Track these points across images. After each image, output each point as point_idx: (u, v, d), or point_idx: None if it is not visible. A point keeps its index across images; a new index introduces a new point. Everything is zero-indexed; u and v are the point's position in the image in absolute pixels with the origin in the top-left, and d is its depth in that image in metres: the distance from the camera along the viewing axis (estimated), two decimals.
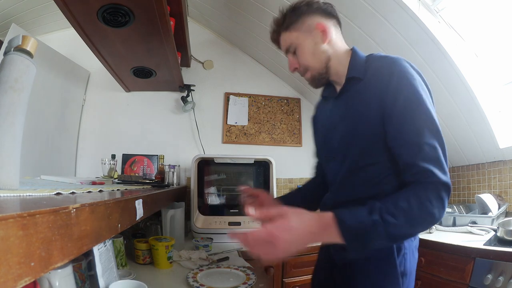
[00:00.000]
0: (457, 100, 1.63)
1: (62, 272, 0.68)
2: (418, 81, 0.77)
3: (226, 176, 1.88)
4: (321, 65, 0.89)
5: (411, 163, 0.69)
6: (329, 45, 0.89)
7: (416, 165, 0.68)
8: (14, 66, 0.51)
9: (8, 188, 0.48)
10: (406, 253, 0.83)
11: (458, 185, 1.98)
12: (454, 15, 1.49)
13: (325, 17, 0.91)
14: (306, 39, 0.89)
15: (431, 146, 0.70)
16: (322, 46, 0.88)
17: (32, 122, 1.65)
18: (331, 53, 0.89)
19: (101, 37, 1.41)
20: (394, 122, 0.73)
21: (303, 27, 0.89)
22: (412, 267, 0.85)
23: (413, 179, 0.69)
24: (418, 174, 0.68)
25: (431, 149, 0.70)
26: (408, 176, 0.70)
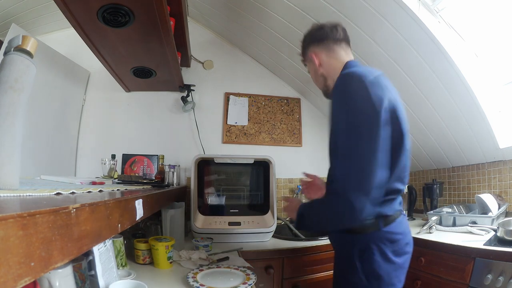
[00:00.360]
0: (457, 100, 1.63)
1: (62, 272, 0.68)
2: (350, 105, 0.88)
3: (226, 176, 1.88)
4: (321, 85, 1.12)
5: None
6: (323, 67, 1.08)
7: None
8: (14, 66, 0.51)
9: (8, 188, 0.48)
10: (374, 253, 0.91)
11: (458, 185, 1.98)
12: (454, 15, 1.49)
13: (318, 44, 1.10)
14: (310, 67, 1.14)
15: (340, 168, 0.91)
16: (318, 71, 1.10)
17: (32, 122, 1.65)
18: (326, 74, 1.09)
19: (101, 37, 1.41)
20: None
21: (307, 58, 1.14)
22: (384, 270, 0.90)
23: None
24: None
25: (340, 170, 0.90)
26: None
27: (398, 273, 0.94)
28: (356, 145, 0.83)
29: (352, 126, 0.85)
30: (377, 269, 0.91)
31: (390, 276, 0.92)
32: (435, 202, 1.95)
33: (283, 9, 1.77)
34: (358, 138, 0.84)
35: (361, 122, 0.84)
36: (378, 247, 0.92)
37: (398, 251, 0.94)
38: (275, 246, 1.60)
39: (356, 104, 0.85)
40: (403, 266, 0.96)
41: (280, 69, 2.38)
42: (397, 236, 0.94)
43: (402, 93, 1.82)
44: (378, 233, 0.92)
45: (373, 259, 0.91)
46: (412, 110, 1.88)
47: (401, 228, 0.96)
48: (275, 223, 1.73)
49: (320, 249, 1.65)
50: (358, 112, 0.84)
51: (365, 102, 0.84)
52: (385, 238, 0.92)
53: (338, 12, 1.58)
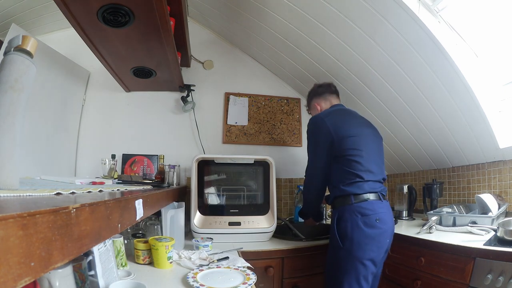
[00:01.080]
0: (457, 100, 1.63)
1: (62, 272, 0.68)
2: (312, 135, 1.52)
3: (226, 176, 1.88)
4: None
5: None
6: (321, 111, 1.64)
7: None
8: (14, 66, 0.51)
9: (8, 188, 0.48)
10: (346, 221, 1.30)
11: (458, 185, 1.98)
12: (454, 15, 1.49)
13: (318, 97, 1.69)
14: (314, 111, 1.70)
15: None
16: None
17: (32, 122, 1.65)
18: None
19: (101, 37, 1.41)
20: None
21: (311, 106, 1.73)
22: (354, 234, 1.27)
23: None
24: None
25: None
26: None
27: (368, 241, 1.27)
28: (309, 154, 1.53)
29: (309, 145, 1.54)
30: (348, 232, 1.29)
31: (360, 241, 1.26)
32: (435, 202, 1.95)
33: (283, 9, 1.77)
34: (310, 152, 1.53)
35: (311, 146, 1.52)
36: (350, 216, 1.30)
37: (368, 223, 1.28)
38: (275, 246, 1.61)
39: (310, 137, 1.53)
40: (376, 238, 1.28)
41: (280, 69, 2.38)
42: (367, 211, 1.30)
43: (402, 93, 1.83)
44: (350, 207, 1.32)
45: (345, 225, 1.30)
46: (412, 110, 1.88)
47: (372, 207, 1.31)
48: (275, 223, 1.73)
49: (320, 249, 1.66)
50: (310, 141, 1.53)
51: (313, 136, 1.50)
52: (356, 211, 1.30)
53: (338, 12, 1.58)
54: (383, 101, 1.98)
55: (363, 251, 1.26)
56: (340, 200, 1.36)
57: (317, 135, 1.45)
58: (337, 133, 1.40)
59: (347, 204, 1.33)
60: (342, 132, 1.41)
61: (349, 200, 1.33)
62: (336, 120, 1.46)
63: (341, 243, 1.29)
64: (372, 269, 1.29)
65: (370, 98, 2.03)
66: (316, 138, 1.45)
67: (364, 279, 1.28)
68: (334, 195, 1.40)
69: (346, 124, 1.45)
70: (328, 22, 1.69)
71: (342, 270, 1.29)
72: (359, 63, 1.82)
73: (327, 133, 1.41)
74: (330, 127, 1.41)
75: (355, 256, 1.26)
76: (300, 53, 2.05)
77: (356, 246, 1.26)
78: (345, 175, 1.36)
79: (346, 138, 1.39)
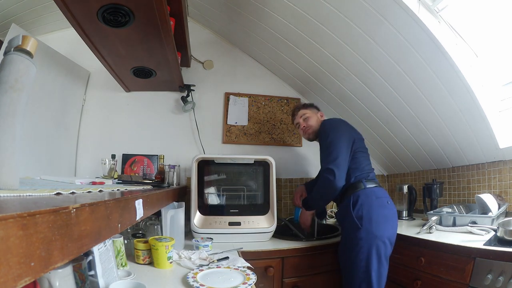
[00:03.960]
0: (457, 100, 1.63)
1: (62, 272, 0.68)
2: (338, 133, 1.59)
3: (226, 176, 1.88)
4: (316, 128, 1.75)
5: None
6: (319, 122, 1.77)
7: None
8: (14, 66, 0.51)
9: (8, 188, 0.48)
10: (362, 203, 1.44)
11: (458, 185, 1.98)
12: (454, 15, 1.49)
13: (318, 109, 1.87)
14: (314, 115, 1.81)
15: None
16: (319, 121, 1.78)
17: (32, 122, 1.65)
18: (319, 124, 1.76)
19: (101, 37, 1.41)
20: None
21: (314, 110, 1.84)
22: (375, 215, 1.40)
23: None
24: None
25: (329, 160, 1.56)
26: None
27: (384, 220, 1.41)
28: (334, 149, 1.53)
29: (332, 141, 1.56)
30: (365, 213, 1.41)
31: (378, 220, 1.39)
32: (435, 202, 1.95)
33: (283, 9, 1.77)
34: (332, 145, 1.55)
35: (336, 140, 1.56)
36: (366, 199, 1.45)
37: (382, 204, 1.45)
38: (275, 246, 1.61)
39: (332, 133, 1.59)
40: (390, 219, 1.43)
41: (280, 69, 2.38)
42: (379, 194, 1.49)
43: (402, 93, 1.83)
44: (364, 191, 1.48)
45: (362, 207, 1.43)
46: (412, 110, 1.88)
47: (380, 192, 1.52)
48: (275, 223, 1.73)
49: (320, 249, 1.66)
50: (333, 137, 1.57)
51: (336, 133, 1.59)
52: (370, 194, 1.47)
53: (338, 12, 1.58)
54: (383, 101, 1.98)
55: (382, 230, 1.37)
56: (353, 186, 1.51)
57: (341, 133, 1.57)
58: (351, 133, 1.62)
59: (361, 188, 1.48)
60: (354, 134, 1.63)
61: (362, 185, 1.49)
62: (347, 124, 1.72)
63: (359, 224, 1.39)
64: (389, 249, 1.40)
65: (370, 98, 2.03)
66: (340, 136, 1.56)
67: (385, 258, 1.37)
68: (346, 185, 1.51)
69: (352, 128, 1.71)
70: (328, 22, 1.69)
71: (363, 249, 1.36)
72: (359, 63, 1.82)
73: (348, 133, 1.60)
74: (349, 128, 1.66)
75: (375, 234, 1.36)
76: (300, 53, 2.05)
77: (375, 225, 1.37)
78: (357, 166, 1.54)
79: (359, 140, 1.63)
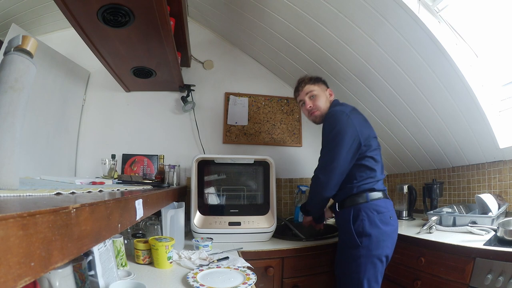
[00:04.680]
0: (457, 100, 1.63)
1: (62, 272, 0.68)
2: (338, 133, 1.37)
3: (226, 176, 1.88)
4: (326, 109, 1.52)
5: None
6: (330, 100, 1.57)
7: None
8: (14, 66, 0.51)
9: (8, 188, 0.48)
10: (364, 219, 1.31)
11: (458, 185, 1.98)
12: (454, 15, 1.49)
13: (326, 86, 1.61)
14: (323, 93, 1.56)
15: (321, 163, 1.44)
16: (328, 100, 1.56)
17: (32, 122, 1.65)
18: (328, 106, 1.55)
19: (101, 37, 1.41)
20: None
21: (322, 87, 1.58)
22: (373, 231, 1.29)
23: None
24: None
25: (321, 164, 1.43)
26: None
27: (385, 237, 1.30)
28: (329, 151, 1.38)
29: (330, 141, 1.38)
30: (366, 230, 1.29)
31: (378, 238, 1.28)
32: (435, 202, 1.95)
33: (283, 9, 1.77)
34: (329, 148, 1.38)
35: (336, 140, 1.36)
36: (366, 214, 1.31)
37: (384, 220, 1.31)
38: (275, 246, 1.61)
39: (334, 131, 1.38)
40: (390, 235, 1.33)
41: (280, 69, 2.38)
42: (382, 209, 1.33)
43: (402, 93, 1.83)
44: (366, 204, 1.33)
45: (363, 223, 1.30)
46: (412, 110, 1.88)
47: (385, 205, 1.36)
48: (275, 223, 1.73)
49: (320, 249, 1.66)
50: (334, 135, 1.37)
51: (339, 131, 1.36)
52: (372, 208, 1.32)
53: (338, 12, 1.58)
54: (383, 101, 1.98)
55: (381, 248, 1.28)
56: (354, 198, 1.35)
57: (343, 135, 1.35)
58: (362, 133, 1.37)
59: (363, 202, 1.33)
60: (366, 132, 1.39)
61: (364, 198, 1.34)
62: (359, 118, 1.42)
63: (359, 242, 1.29)
64: (385, 265, 1.33)
65: (370, 98, 2.03)
66: (342, 138, 1.35)
67: (380, 276, 1.32)
68: (347, 194, 1.38)
69: (367, 123, 1.45)
70: (328, 22, 1.69)
71: (361, 268, 1.28)
72: (359, 63, 1.82)
73: (355, 134, 1.35)
74: (357, 127, 1.36)
75: (374, 253, 1.27)
76: (300, 53, 2.05)
77: (375, 244, 1.28)
78: (362, 174, 1.37)
79: (371, 139, 1.40)
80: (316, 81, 1.57)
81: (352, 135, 1.34)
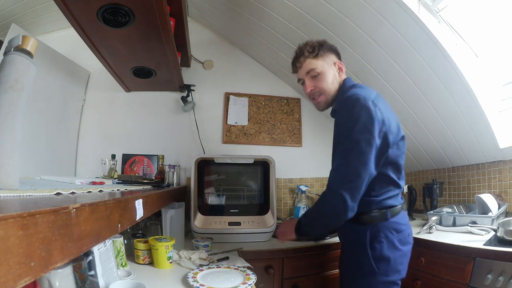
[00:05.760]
0: (457, 100, 1.63)
1: (62, 272, 0.68)
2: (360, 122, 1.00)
3: (226, 176, 1.88)
4: (334, 92, 1.18)
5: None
6: (341, 79, 1.19)
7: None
8: (14, 66, 0.51)
9: (8, 188, 0.48)
10: (382, 241, 1.05)
11: (458, 185, 1.98)
12: (454, 15, 1.49)
13: (339, 58, 1.23)
14: (329, 69, 1.17)
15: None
16: (338, 79, 1.19)
17: (32, 122, 1.65)
18: (340, 85, 1.18)
19: (101, 37, 1.41)
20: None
21: (328, 60, 1.18)
22: (392, 255, 1.05)
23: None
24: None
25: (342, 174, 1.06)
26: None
27: (402, 260, 1.08)
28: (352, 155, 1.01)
29: (355, 140, 1.00)
30: (385, 254, 1.05)
31: (396, 261, 1.06)
32: (435, 202, 1.95)
33: (283, 9, 1.77)
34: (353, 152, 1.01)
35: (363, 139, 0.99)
36: (386, 236, 1.06)
37: (403, 240, 1.08)
38: (275, 246, 1.60)
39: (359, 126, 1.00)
40: (407, 255, 1.11)
41: (280, 69, 2.38)
42: (402, 227, 1.09)
43: (402, 93, 1.83)
44: (386, 223, 1.07)
45: (381, 246, 1.05)
46: (412, 110, 1.88)
47: (405, 220, 1.12)
48: (275, 223, 1.73)
49: (320, 249, 1.65)
50: (359, 132, 1.00)
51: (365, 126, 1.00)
52: (392, 228, 1.07)
53: (338, 12, 1.58)
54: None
55: (399, 272, 1.07)
56: (372, 215, 1.07)
57: (372, 132, 0.98)
58: (392, 131, 1.04)
59: (383, 220, 1.07)
60: (395, 129, 1.06)
61: (385, 215, 1.07)
62: (388, 110, 1.06)
63: (376, 268, 1.05)
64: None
65: None
66: (371, 136, 0.98)
67: None
68: (362, 210, 1.05)
69: (394, 117, 1.10)
70: (328, 22, 1.69)
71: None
72: (359, 63, 1.82)
73: (384, 131, 1.01)
74: (386, 121, 1.02)
75: (392, 279, 1.06)
76: None
77: (393, 268, 1.05)
78: (383, 184, 1.07)
79: (400, 140, 1.07)
80: (321, 51, 1.16)
81: (382, 132, 1.01)
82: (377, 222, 1.07)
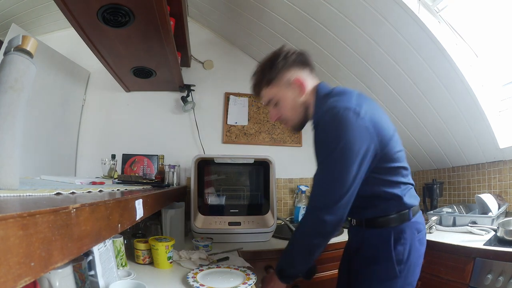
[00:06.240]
0: (457, 100, 1.63)
1: (62, 272, 0.68)
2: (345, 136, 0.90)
3: (226, 176, 1.88)
4: (299, 116, 1.06)
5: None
6: (306, 95, 1.04)
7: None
8: (14, 66, 0.51)
9: (8, 188, 0.48)
10: (405, 243, 0.98)
11: (458, 185, 1.98)
12: (454, 15, 1.49)
13: (300, 68, 1.04)
14: (286, 93, 1.04)
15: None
16: (300, 99, 1.04)
17: (32, 122, 1.65)
18: (308, 101, 1.04)
19: (101, 37, 1.41)
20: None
21: (282, 82, 1.03)
22: (414, 258, 0.99)
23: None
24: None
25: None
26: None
27: (420, 261, 1.04)
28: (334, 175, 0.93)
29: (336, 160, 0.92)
30: (406, 256, 0.98)
31: (416, 263, 1.01)
32: (435, 202, 1.95)
33: (283, 9, 1.77)
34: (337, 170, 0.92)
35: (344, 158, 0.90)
36: (409, 236, 0.99)
37: (422, 240, 1.04)
38: (275, 246, 1.60)
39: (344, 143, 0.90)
40: (423, 256, 1.06)
41: None
42: (421, 226, 1.03)
43: (402, 93, 1.83)
44: (408, 224, 1.00)
45: (404, 248, 0.98)
46: (412, 110, 1.88)
47: (422, 219, 1.06)
48: (275, 223, 1.73)
49: None
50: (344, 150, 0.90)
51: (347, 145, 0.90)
52: (414, 228, 1.01)
53: (338, 12, 1.58)
54: (383, 101, 1.98)
55: (416, 273, 1.03)
56: (395, 217, 1.00)
57: (355, 149, 0.90)
58: (379, 134, 0.93)
59: (406, 220, 1.00)
60: (385, 130, 0.95)
61: (407, 215, 1.00)
62: (372, 112, 0.94)
63: (397, 271, 0.98)
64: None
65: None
66: (353, 154, 0.90)
67: None
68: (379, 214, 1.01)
69: (384, 116, 1.00)
70: (328, 22, 1.69)
71: None
72: (359, 63, 1.82)
73: (369, 138, 0.91)
74: (370, 127, 0.91)
75: (409, 281, 1.01)
76: None
77: (412, 270, 1.01)
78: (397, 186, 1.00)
79: (392, 140, 0.98)
80: (272, 75, 1.03)
81: (369, 145, 0.91)
82: (401, 224, 1.00)
